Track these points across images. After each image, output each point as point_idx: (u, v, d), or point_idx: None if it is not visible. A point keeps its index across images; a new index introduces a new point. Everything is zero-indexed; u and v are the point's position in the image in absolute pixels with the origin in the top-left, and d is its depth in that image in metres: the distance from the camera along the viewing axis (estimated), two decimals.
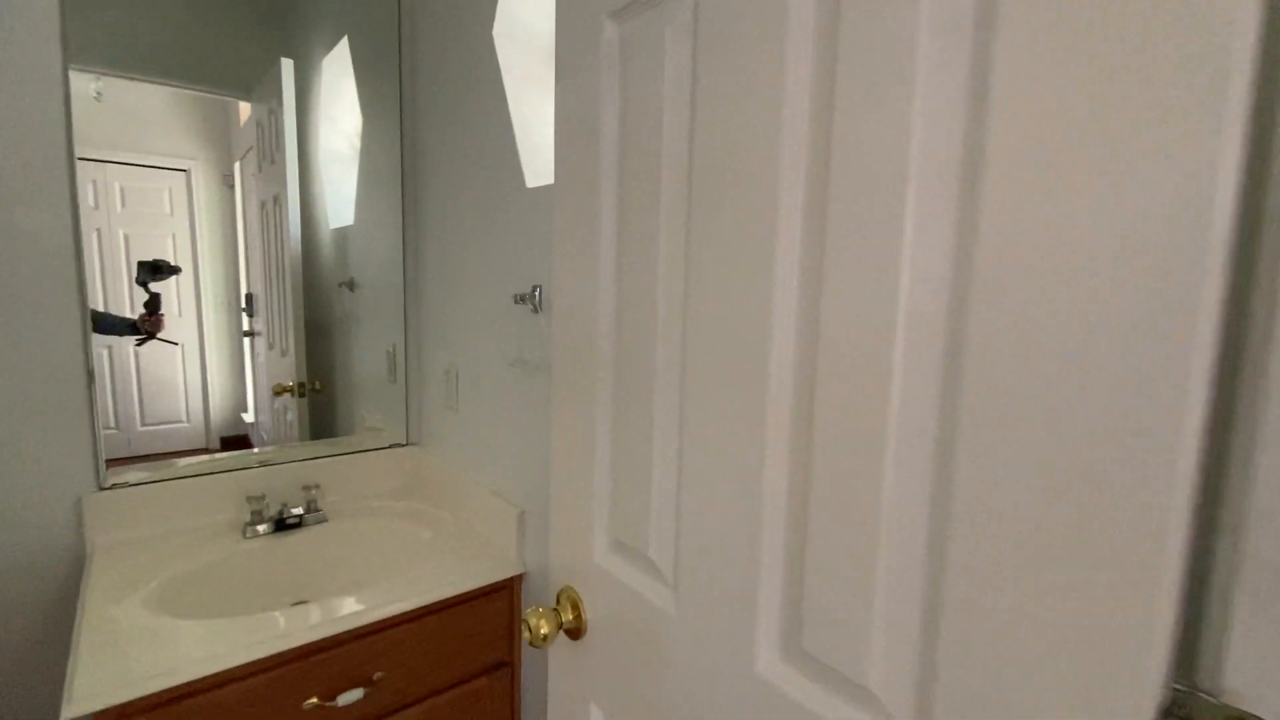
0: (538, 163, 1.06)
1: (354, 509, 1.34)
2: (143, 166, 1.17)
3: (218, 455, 1.30)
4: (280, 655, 0.88)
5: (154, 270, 1.18)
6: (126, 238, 1.17)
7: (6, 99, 1.03)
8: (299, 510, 1.24)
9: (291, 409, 1.43)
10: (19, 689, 1.13)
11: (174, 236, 1.21)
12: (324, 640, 0.92)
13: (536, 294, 1.02)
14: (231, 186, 1.28)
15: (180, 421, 1.26)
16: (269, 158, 1.35)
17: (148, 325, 1.19)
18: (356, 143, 1.49)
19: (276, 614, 0.94)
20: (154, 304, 1.18)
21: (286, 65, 1.35)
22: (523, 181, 1.06)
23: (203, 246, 1.24)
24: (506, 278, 1.12)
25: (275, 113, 1.35)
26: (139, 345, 1.18)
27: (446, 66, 1.28)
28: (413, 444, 1.53)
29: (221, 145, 1.25)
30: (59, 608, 1.15)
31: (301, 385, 1.43)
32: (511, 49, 1.10)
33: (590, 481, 0.69)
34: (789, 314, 0.47)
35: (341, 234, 1.44)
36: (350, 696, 0.93)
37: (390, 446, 1.50)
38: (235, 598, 1.11)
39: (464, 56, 1.21)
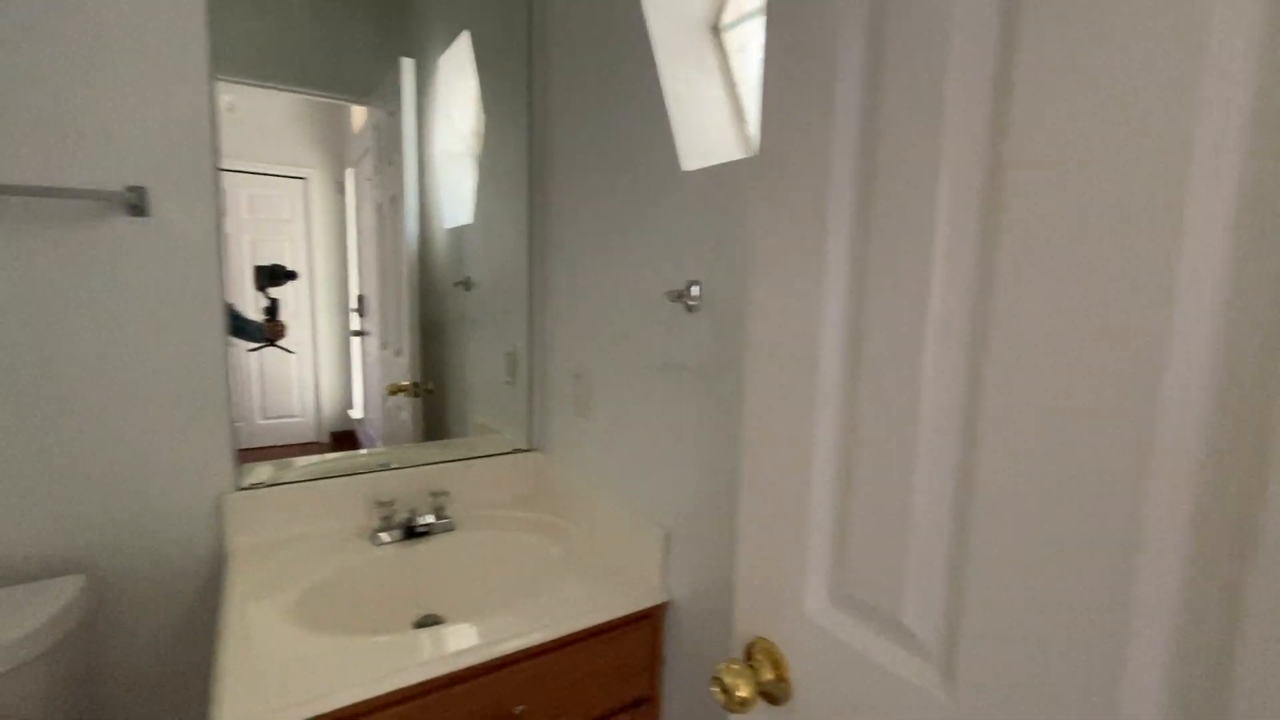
0: (696, 143, 0.95)
1: (480, 518, 1.28)
2: (267, 175, 1.18)
3: (342, 455, 1.29)
4: (422, 685, 0.81)
5: (272, 276, 1.19)
6: (252, 243, 1.18)
7: (160, 109, 1.03)
8: (428, 519, 1.19)
9: (405, 408, 1.40)
10: (165, 686, 1.14)
11: (291, 242, 1.23)
12: (465, 670, 0.84)
13: (693, 290, 0.90)
14: (343, 192, 1.28)
15: (294, 416, 1.27)
16: (386, 160, 1.32)
17: (270, 331, 1.18)
18: (472, 141, 1.44)
19: (416, 637, 0.87)
20: (273, 309, 1.18)
21: (407, 65, 1.31)
22: (677, 165, 0.95)
23: (316, 251, 1.24)
24: (654, 274, 1.01)
25: (394, 114, 1.32)
26: (252, 350, 1.18)
27: (583, 51, 1.19)
28: (535, 450, 1.46)
29: (335, 153, 1.25)
30: (200, 601, 1.15)
31: (416, 385, 1.39)
32: (664, 20, 0.99)
33: (803, 516, 0.56)
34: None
35: (457, 233, 1.39)
36: None
37: (512, 452, 1.43)
38: (368, 609, 1.06)
39: (605, 36, 1.11)
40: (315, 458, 1.26)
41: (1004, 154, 0.40)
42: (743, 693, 0.58)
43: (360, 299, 1.31)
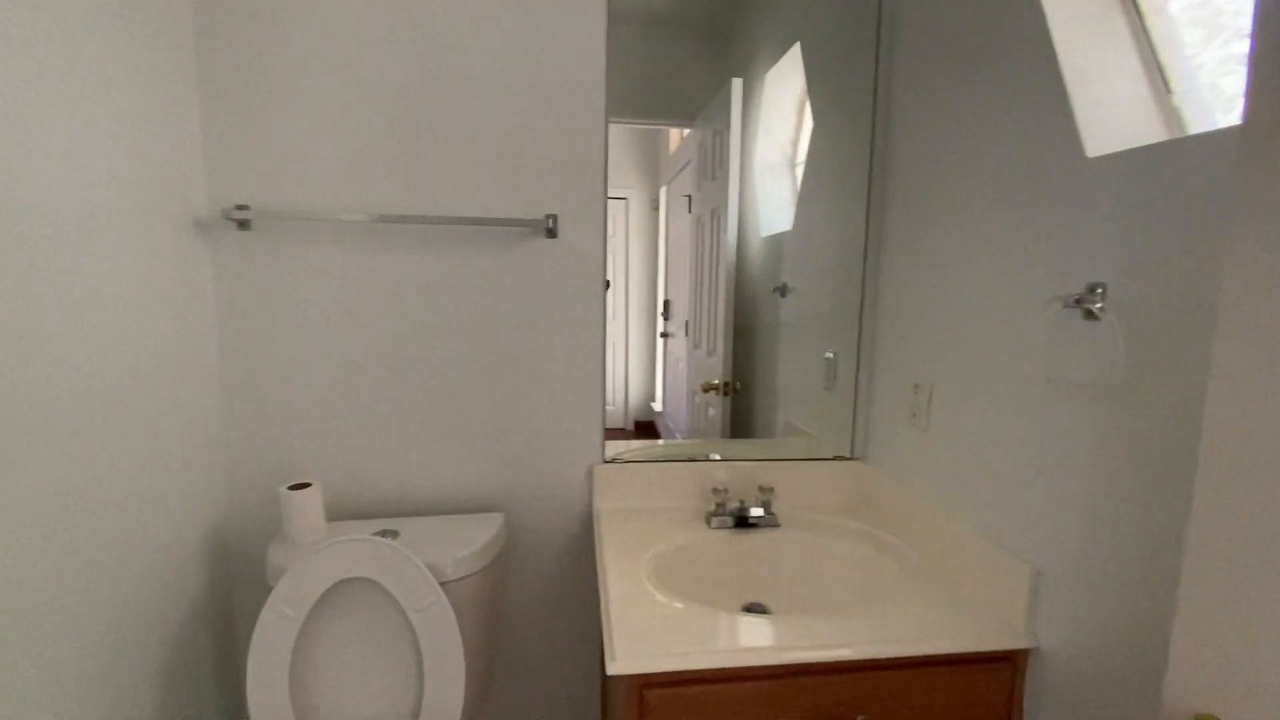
0: (1103, 124, 0.81)
1: (804, 520, 1.30)
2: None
3: (676, 443, 1.43)
4: (770, 668, 0.86)
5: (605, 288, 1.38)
6: None
7: (570, 150, 1.29)
8: (757, 511, 1.25)
9: (714, 406, 1.48)
10: (552, 607, 1.42)
11: (614, 254, 1.38)
12: (811, 664, 0.86)
13: (1098, 295, 0.77)
14: (657, 209, 1.41)
15: (609, 404, 1.42)
16: (709, 175, 1.42)
17: None
18: (790, 151, 1.46)
19: (761, 622, 0.92)
20: None
21: (736, 85, 1.38)
22: (1073, 152, 0.83)
23: (632, 261, 1.40)
24: (1035, 276, 0.89)
25: (720, 133, 1.40)
26: None
27: (946, 39, 1.12)
28: (857, 459, 1.42)
29: (651, 173, 1.39)
30: (577, 545, 1.40)
31: (727, 384, 1.46)
32: None
33: None
34: None
35: (774, 241, 1.42)
36: None
37: (833, 459, 1.42)
38: (703, 583, 1.16)
39: (974, 18, 1.02)
40: (650, 442, 1.43)
41: None
42: None
43: (666, 304, 1.44)
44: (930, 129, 1.16)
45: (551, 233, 1.27)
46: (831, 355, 1.44)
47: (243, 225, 1.22)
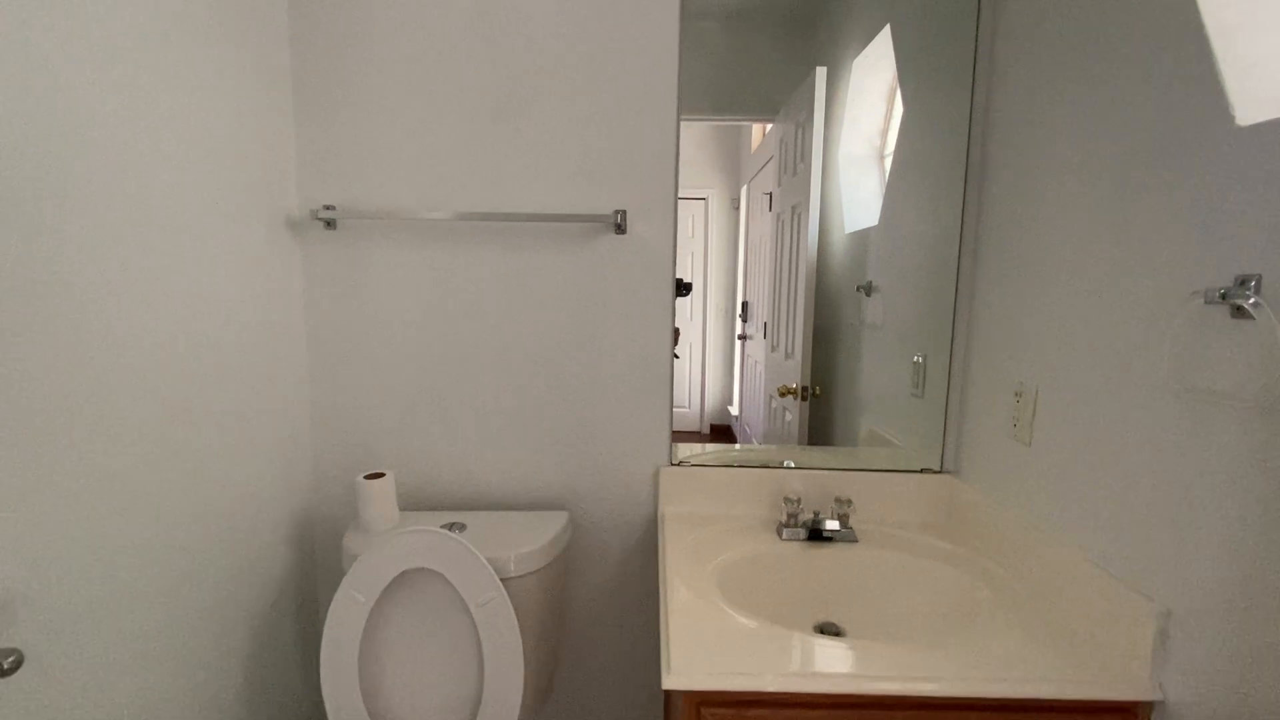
0: (1258, 86, 0.69)
1: (884, 535, 1.20)
2: (682, 199, 1.32)
3: (748, 448, 1.36)
4: (847, 698, 0.78)
5: (676, 288, 1.33)
6: None
7: (640, 140, 1.26)
8: (833, 524, 1.17)
9: (791, 410, 1.40)
10: (612, 608, 1.39)
11: (692, 255, 1.34)
12: (895, 697, 0.78)
13: (1251, 289, 0.65)
14: (737, 208, 1.35)
15: (682, 407, 1.38)
16: (790, 170, 1.34)
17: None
18: (878, 142, 1.36)
19: (832, 645, 0.85)
20: None
21: (820, 74, 1.30)
22: (1224, 120, 0.70)
23: (711, 263, 1.34)
24: (1170, 268, 0.77)
25: (803, 125, 1.32)
26: None
27: (1061, 6, 1.00)
28: (948, 472, 1.30)
29: (732, 172, 1.33)
30: (640, 547, 1.37)
31: (805, 389, 1.38)
32: None
33: None
34: None
35: (859, 237, 1.33)
36: None
37: (920, 471, 1.31)
38: (772, 597, 1.09)
39: None
40: (723, 446, 1.37)
41: None
42: None
43: (744, 305, 1.38)
44: (1040, 108, 1.04)
45: (620, 228, 1.25)
46: (921, 359, 1.33)
47: (329, 224, 1.27)
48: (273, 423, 1.20)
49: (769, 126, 1.33)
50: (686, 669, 0.79)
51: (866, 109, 1.35)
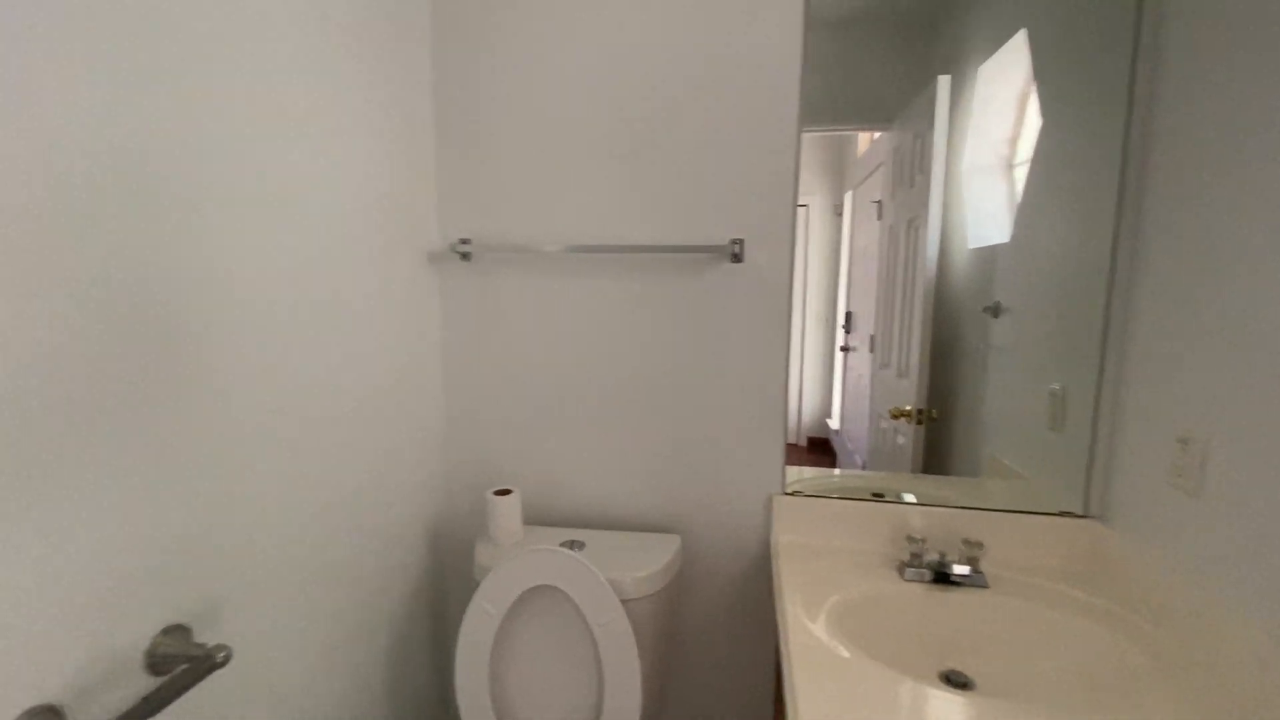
0: None
1: (1018, 583, 1.13)
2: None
3: (862, 474, 1.33)
4: None
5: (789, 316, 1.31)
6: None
7: (759, 164, 1.26)
8: (962, 569, 1.11)
9: (904, 434, 1.33)
10: (724, 636, 1.41)
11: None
12: None
13: None
14: (840, 215, 1.31)
15: None
16: (906, 182, 1.28)
17: None
18: (1006, 151, 1.27)
19: (974, 706, 0.81)
20: None
21: (943, 82, 1.24)
22: None
23: (811, 270, 1.31)
24: None
25: (922, 135, 1.26)
26: None
27: None
28: (1093, 517, 1.20)
29: (836, 177, 1.29)
30: (753, 576, 1.37)
31: (920, 412, 1.31)
32: None
33: None
34: None
35: (984, 254, 1.24)
36: None
37: (1060, 514, 1.22)
38: (894, 641, 1.06)
39: None
40: (826, 472, 1.35)
41: None
42: None
43: (848, 315, 1.33)
44: (1226, 103, 0.94)
45: (737, 257, 1.26)
46: (1059, 388, 1.24)
47: (464, 256, 1.38)
48: (413, 437, 1.32)
49: (876, 134, 1.29)
50: None
51: (995, 118, 1.27)
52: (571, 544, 1.27)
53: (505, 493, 1.29)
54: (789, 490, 1.33)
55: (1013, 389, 1.27)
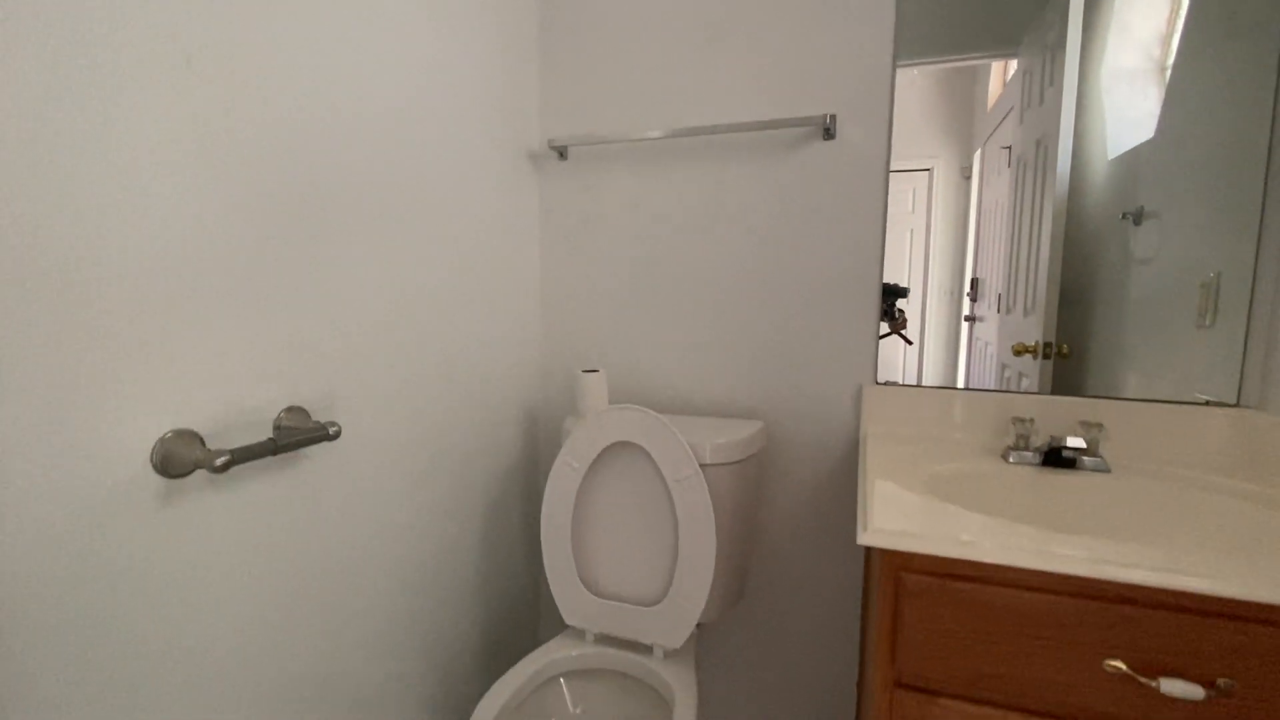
0: None
1: (1149, 471, 1.00)
2: (896, 171, 1.23)
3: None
4: (1081, 582, 0.68)
5: (891, 294, 1.26)
6: None
7: (853, 32, 1.22)
8: (1077, 442, 1.00)
9: (1029, 374, 1.21)
10: (802, 522, 1.37)
11: (911, 232, 1.24)
12: (1142, 591, 0.66)
13: None
14: (968, 178, 1.21)
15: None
16: (1035, 101, 1.17)
17: (894, 325, 1.27)
18: (1157, 52, 1.12)
19: (1077, 541, 0.74)
20: (891, 309, 1.27)
21: None
22: None
23: (935, 239, 1.23)
24: None
25: (1053, 47, 1.15)
26: (881, 338, 1.27)
27: None
28: (1246, 406, 1.05)
29: (963, 138, 1.20)
30: (839, 466, 1.33)
31: (1048, 345, 1.19)
32: None
33: None
34: None
35: (1126, 160, 1.12)
36: (1178, 688, 0.64)
37: (1203, 403, 1.07)
38: (996, 513, 0.98)
39: None
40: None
41: None
42: None
43: (974, 283, 1.24)
44: None
45: (829, 133, 1.22)
46: (1212, 275, 1.09)
47: (561, 155, 1.44)
48: (510, 320, 1.40)
49: (1009, 75, 1.19)
50: (886, 529, 0.75)
51: (1140, 12, 1.14)
52: None
53: (593, 372, 1.33)
54: (883, 381, 1.27)
55: (1158, 298, 1.13)
